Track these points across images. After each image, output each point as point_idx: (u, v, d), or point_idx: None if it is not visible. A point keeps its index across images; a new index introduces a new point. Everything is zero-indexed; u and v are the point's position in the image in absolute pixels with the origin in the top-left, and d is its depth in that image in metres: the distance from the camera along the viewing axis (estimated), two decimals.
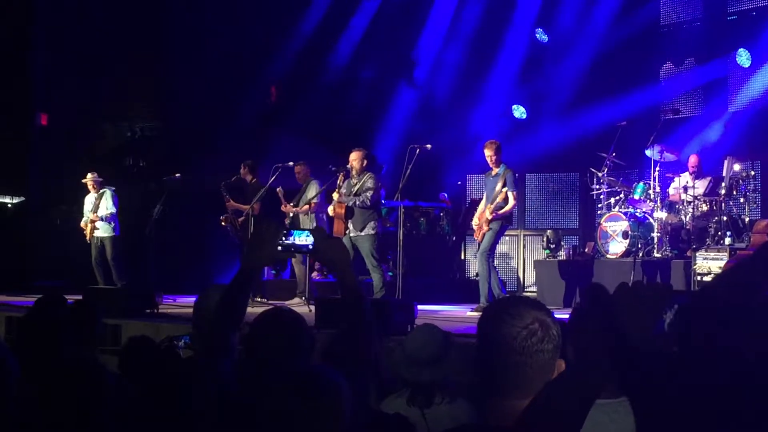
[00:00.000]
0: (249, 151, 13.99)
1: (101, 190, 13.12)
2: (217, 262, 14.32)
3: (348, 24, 16.38)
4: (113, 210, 13.01)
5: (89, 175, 13.23)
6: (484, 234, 10.72)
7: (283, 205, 11.92)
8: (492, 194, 10.74)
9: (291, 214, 11.83)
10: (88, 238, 13.04)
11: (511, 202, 10.68)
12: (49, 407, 3.07)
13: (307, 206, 11.71)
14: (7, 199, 15.05)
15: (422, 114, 15.99)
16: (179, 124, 15.88)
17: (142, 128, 16.34)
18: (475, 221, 11.05)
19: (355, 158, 10.79)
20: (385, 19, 16.39)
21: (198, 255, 14.91)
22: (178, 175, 12.93)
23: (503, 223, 10.82)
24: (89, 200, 13.16)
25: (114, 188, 13.26)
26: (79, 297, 8.11)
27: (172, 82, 15.79)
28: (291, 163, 11.75)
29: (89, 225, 12.99)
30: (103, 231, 12.99)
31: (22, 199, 15.19)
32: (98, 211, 12.99)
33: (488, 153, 10.81)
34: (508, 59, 15.64)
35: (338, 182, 10.92)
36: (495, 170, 10.81)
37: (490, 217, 10.64)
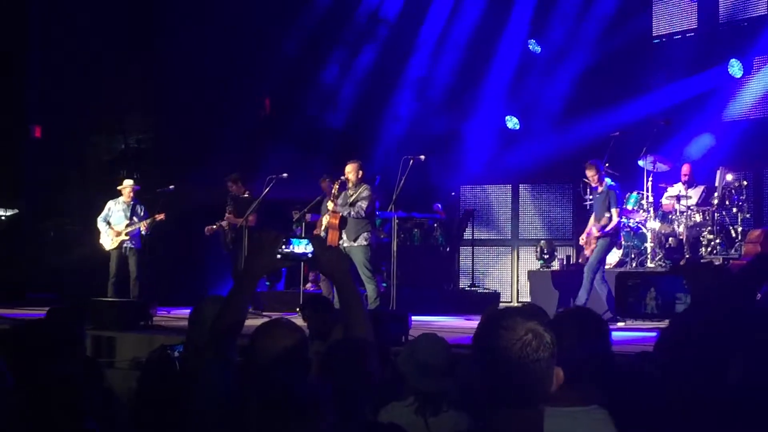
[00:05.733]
0: (242, 162, 13.98)
1: (133, 203, 12.70)
2: (211, 273, 14.30)
3: (340, 36, 16.41)
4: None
5: (128, 182, 12.85)
6: (592, 250, 10.98)
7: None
8: (599, 211, 11.03)
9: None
10: (113, 247, 12.53)
11: (615, 218, 10.95)
12: (33, 419, 3.09)
13: None
14: (0, 212, 15.02)
15: (416, 125, 16.01)
16: (173, 136, 15.87)
17: (135, 140, 16.34)
18: (582, 238, 11.33)
19: (350, 170, 10.84)
20: (379, 31, 16.43)
21: (192, 267, 14.88)
22: (172, 186, 12.87)
23: (611, 239, 11.07)
24: (119, 208, 12.69)
25: (144, 206, 12.84)
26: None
27: (165, 95, 15.78)
28: (285, 175, 11.73)
29: (121, 234, 12.51)
30: (133, 242, 12.60)
31: (16, 211, 15.17)
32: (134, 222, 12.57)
33: (590, 174, 11.11)
34: (502, 70, 15.69)
35: (333, 192, 10.93)
36: (600, 188, 11.09)
37: (597, 235, 10.92)
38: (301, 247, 3.12)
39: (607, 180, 11.09)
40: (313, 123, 16.15)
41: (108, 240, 12.63)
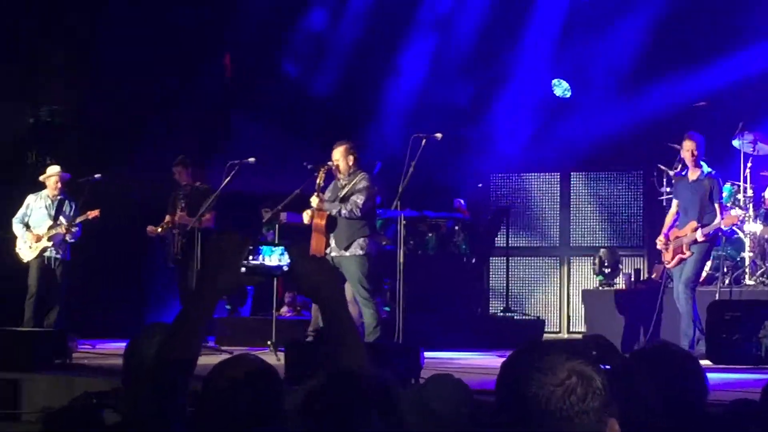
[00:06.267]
0: (196, 143, 13.98)
1: (60, 198, 12.77)
2: (152, 295, 14.30)
3: None
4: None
5: (53, 169, 12.89)
6: (683, 260, 10.81)
7: None
8: (691, 205, 10.87)
9: None
10: (34, 257, 12.63)
11: (719, 216, 10.75)
12: None
13: None
14: None
15: (429, 94, 15.99)
16: (101, 109, 15.83)
17: (50, 112, 16.29)
18: (660, 240, 11.11)
19: (338, 155, 10.80)
20: None
21: (126, 286, 14.87)
22: (98, 175, 12.88)
23: (711, 244, 11.00)
24: (41, 204, 12.79)
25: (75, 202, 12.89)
26: None
27: (95, 52, 15.74)
28: (252, 160, 11.73)
29: (43, 239, 12.57)
30: (60, 250, 12.68)
31: None
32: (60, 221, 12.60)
33: (689, 148, 10.82)
34: (547, 19, 15.65)
35: (318, 183, 10.89)
36: (695, 173, 10.88)
37: (701, 239, 10.74)
38: (274, 257, 3.10)
39: (705, 165, 10.89)
40: (291, 89, 16.13)
41: (26, 248, 12.64)
